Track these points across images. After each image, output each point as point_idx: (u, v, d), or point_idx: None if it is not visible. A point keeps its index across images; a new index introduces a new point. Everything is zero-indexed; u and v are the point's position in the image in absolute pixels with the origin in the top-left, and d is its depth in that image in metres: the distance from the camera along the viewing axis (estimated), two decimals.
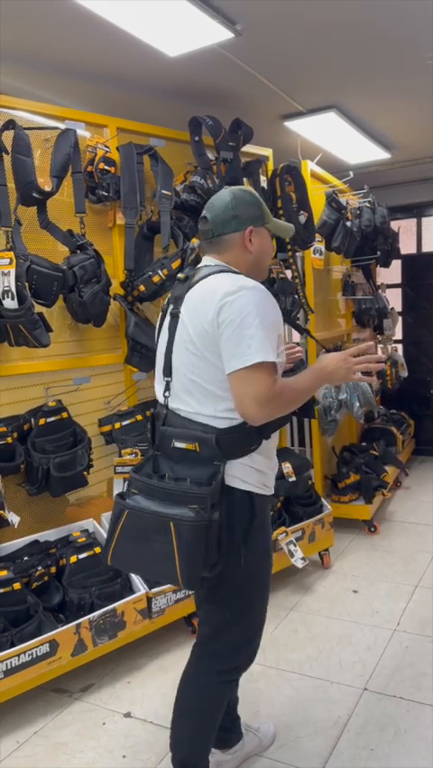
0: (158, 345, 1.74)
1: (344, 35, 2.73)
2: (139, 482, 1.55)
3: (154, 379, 1.76)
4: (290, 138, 3.97)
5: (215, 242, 1.67)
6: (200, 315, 1.54)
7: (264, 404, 1.47)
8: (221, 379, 1.53)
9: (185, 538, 1.44)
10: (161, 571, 1.54)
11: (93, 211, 2.73)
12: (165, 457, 1.60)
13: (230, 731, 1.96)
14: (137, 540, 1.51)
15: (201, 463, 1.54)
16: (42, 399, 2.58)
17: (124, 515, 1.51)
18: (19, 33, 2.59)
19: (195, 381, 1.57)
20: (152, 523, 1.48)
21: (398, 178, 5.32)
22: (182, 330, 1.60)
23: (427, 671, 2.47)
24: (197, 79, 3.11)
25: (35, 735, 2.21)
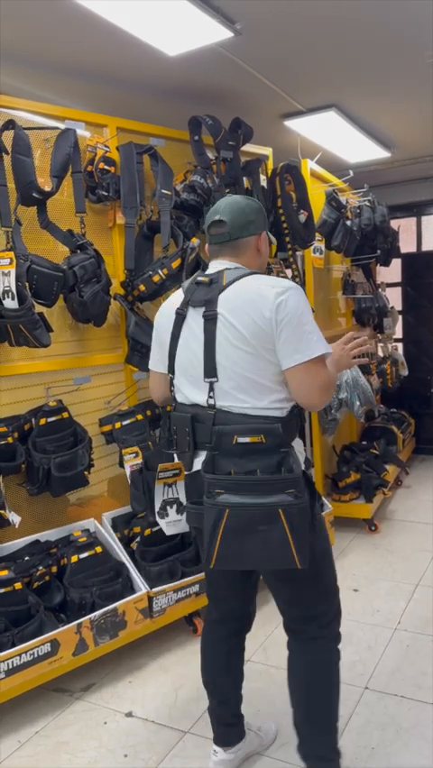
0: (176, 349, 1.74)
1: (343, 34, 2.73)
2: (224, 481, 1.57)
3: (174, 382, 1.77)
4: (290, 137, 3.97)
5: (231, 245, 1.74)
6: (252, 315, 1.60)
7: (326, 391, 1.65)
8: (274, 373, 1.63)
9: (295, 521, 1.53)
10: (273, 558, 1.58)
11: (93, 211, 2.73)
12: (225, 454, 1.63)
13: (234, 726, 1.97)
14: (242, 535, 1.55)
15: (267, 453, 1.61)
16: (43, 399, 2.58)
17: (226, 514, 1.53)
18: (19, 33, 2.58)
19: (250, 378, 1.62)
20: (259, 514, 1.53)
21: (398, 177, 5.32)
22: (228, 331, 1.62)
23: (428, 669, 2.47)
24: (196, 79, 3.11)
25: (37, 734, 2.22)
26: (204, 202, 2.89)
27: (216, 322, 1.64)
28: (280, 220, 3.30)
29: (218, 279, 1.68)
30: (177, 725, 2.23)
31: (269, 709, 2.27)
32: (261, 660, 2.06)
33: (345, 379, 3.95)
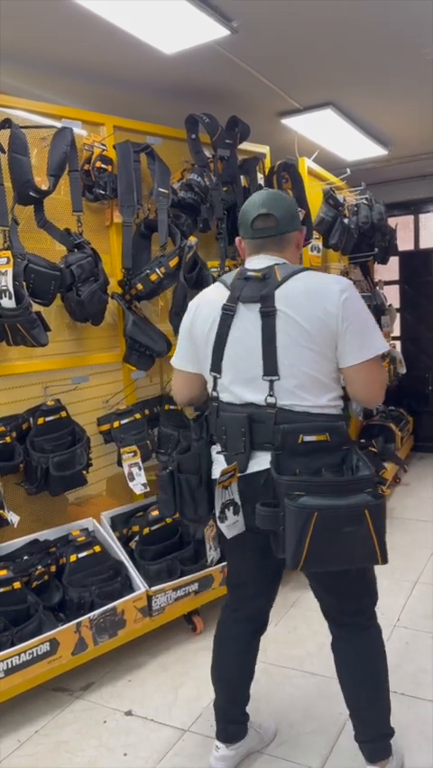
0: (225, 347, 1.69)
1: (340, 32, 2.72)
2: (303, 483, 1.55)
3: (221, 381, 1.70)
4: (287, 135, 3.97)
5: (276, 240, 1.71)
6: (316, 312, 1.59)
7: (383, 387, 1.71)
8: (332, 371, 1.64)
9: (378, 519, 1.53)
10: (358, 556, 1.58)
11: (90, 209, 2.73)
12: (290, 454, 1.61)
13: (239, 724, 1.98)
14: (328, 536, 1.53)
15: (331, 451, 1.63)
16: (41, 399, 2.58)
17: (315, 517, 1.51)
18: (16, 32, 2.58)
19: (313, 376, 1.62)
20: (345, 515, 1.52)
21: (395, 175, 5.32)
22: (290, 327, 1.60)
23: (427, 667, 2.48)
24: (193, 77, 3.11)
25: (36, 733, 2.22)
26: (201, 200, 2.89)
27: (275, 318, 1.60)
28: None
29: (271, 275, 1.64)
30: (176, 723, 2.23)
31: (268, 707, 2.27)
32: (259, 658, 2.06)
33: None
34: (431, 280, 5.76)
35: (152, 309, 2.97)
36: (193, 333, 1.77)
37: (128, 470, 2.67)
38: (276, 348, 1.61)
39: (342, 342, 1.60)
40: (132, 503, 2.92)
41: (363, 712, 1.84)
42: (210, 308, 1.72)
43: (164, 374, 3.12)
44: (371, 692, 1.83)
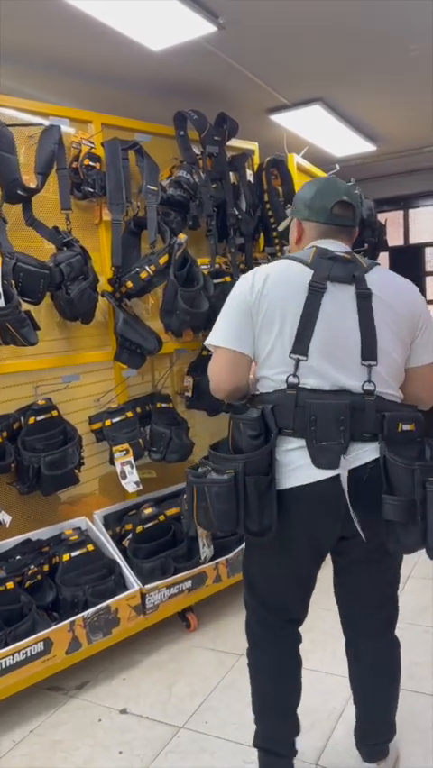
0: (313, 328, 1.55)
1: (328, 28, 2.73)
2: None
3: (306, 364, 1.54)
4: (276, 131, 3.97)
5: (350, 231, 1.73)
6: (408, 305, 1.62)
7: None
8: (405, 363, 1.65)
9: None
10: None
11: (79, 207, 2.71)
12: (392, 443, 1.54)
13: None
14: None
15: (415, 442, 1.58)
16: (31, 398, 2.57)
17: None
18: (2, 30, 2.56)
19: (400, 365, 1.62)
20: None
21: (384, 171, 5.34)
22: (386, 313, 1.57)
23: (420, 660, 2.49)
24: (181, 74, 3.10)
25: (31, 733, 2.21)
26: (190, 198, 2.88)
27: (372, 301, 1.56)
28: (268, 215, 3.30)
29: (356, 259, 1.62)
30: (171, 720, 2.23)
31: None
32: None
33: None
34: (421, 275, 5.78)
35: (143, 307, 2.97)
36: (258, 309, 1.57)
37: (120, 468, 2.67)
38: (376, 332, 1.55)
39: (418, 341, 1.63)
40: (124, 501, 2.92)
41: (378, 720, 1.85)
42: (290, 284, 1.57)
43: (155, 372, 3.12)
44: (391, 702, 1.85)
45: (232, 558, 2.84)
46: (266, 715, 1.80)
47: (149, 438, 2.86)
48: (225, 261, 3.15)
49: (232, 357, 1.61)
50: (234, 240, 3.17)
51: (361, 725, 1.87)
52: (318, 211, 1.68)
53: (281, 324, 1.55)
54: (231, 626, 2.81)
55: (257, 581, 1.75)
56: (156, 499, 2.95)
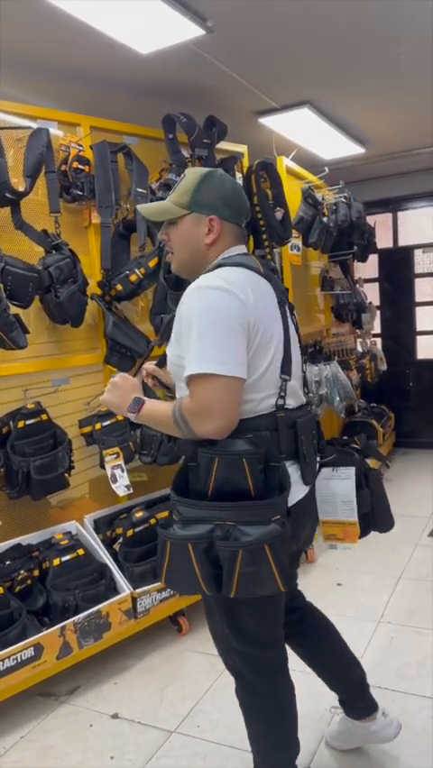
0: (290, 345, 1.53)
1: (316, 31, 2.73)
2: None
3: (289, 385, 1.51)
4: (265, 134, 3.97)
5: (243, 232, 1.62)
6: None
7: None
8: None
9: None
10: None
11: (68, 210, 2.71)
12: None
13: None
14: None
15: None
16: (21, 402, 2.55)
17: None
18: None
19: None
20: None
21: (373, 173, 5.36)
22: (292, 322, 1.60)
23: (411, 661, 2.50)
24: (169, 77, 3.10)
25: (22, 739, 2.20)
26: None
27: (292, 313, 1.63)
28: (257, 217, 3.30)
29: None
30: (163, 725, 2.23)
31: None
32: None
33: (325, 374, 3.97)
34: (410, 277, 5.81)
35: (133, 310, 2.96)
36: (257, 329, 1.42)
37: (111, 472, 2.66)
38: (291, 343, 1.55)
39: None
40: (115, 505, 2.90)
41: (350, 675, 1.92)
42: (266, 298, 1.49)
43: None
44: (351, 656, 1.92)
45: None
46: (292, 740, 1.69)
47: (139, 441, 2.85)
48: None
49: (238, 386, 1.39)
50: None
51: (342, 694, 1.94)
52: (238, 212, 1.57)
53: (276, 345, 1.48)
54: None
55: (248, 626, 1.55)
56: (147, 503, 2.94)
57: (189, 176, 1.55)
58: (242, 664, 1.61)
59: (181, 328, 1.42)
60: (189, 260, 1.56)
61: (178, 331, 1.44)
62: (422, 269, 5.79)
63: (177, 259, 1.58)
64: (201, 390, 1.37)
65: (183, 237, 1.54)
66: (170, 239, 1.57)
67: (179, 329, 1.43)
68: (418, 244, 5.75)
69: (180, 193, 1.53)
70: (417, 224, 5.75)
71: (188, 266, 1.57)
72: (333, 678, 1.92)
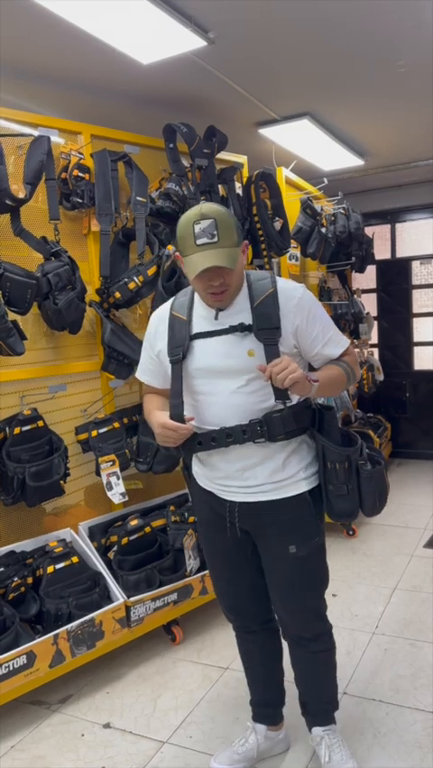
0: None
1: (316, 43, 2.76)
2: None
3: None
4: (265, 145, 4.00)
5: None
6: None
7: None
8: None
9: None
10: None
11: (67, 218, 2.72)
12: None
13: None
14: None
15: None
16: (17, 408, 2.55)
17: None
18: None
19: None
20: None
21: (371, 185, 5.39)
22: None
23: (405, 673, 2.49)
24: (170, 87, 3.12)
25: (12, 749, 2.18)
26: (179, 209, 2.89)
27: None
28: (256, 227, 3.32)
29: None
30: (155, 735, 2.21)
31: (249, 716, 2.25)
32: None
33: None
34: (408, 288, 5.83)
35: (131, 317, 2.97)
36: None
37: (106, 479, 2.66)
38: None
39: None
40: (110, 513, 2.90)
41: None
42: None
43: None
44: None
45: None
46: None
47: (135, 449, 2.85)
48: None
49: None
50: None
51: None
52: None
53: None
54: (217, 640, 2.80)
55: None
56: (142, 511, 2.94)
57: (225, 214, 1.60)
58: (324, 615, 1.93)
59: (306, 318, 1.70)
60: (237, 289, 1.70)
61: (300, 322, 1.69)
62: (420, 281, 5.82)
63: (233, 289, 1.67)
64: (352, 351, 1.86)
65: (240, 269, 1.68)
66: (226, 281, 1.63)
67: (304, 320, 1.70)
68: (415, 256, 5.77)
69: (231, 233, 1.60)
70: (415, 235, 5.78)
71: (236, 294, 1.70)
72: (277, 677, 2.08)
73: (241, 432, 1.69)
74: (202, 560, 2.81)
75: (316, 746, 1.98)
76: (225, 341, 1.69)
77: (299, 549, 1.78)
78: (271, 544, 1.81)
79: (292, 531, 1.78)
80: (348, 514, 1.80)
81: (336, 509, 1.79)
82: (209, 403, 1.72)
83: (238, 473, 1.76)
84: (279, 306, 1.67)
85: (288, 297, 1.69)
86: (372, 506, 1.81)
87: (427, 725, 2.17)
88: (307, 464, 1.79)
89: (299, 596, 1.84)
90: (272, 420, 1.68)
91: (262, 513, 1.77)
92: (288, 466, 1.76)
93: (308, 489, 1.78)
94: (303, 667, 1.96)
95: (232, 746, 2.03)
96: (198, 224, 1.57)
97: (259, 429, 1.68)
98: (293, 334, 1.69)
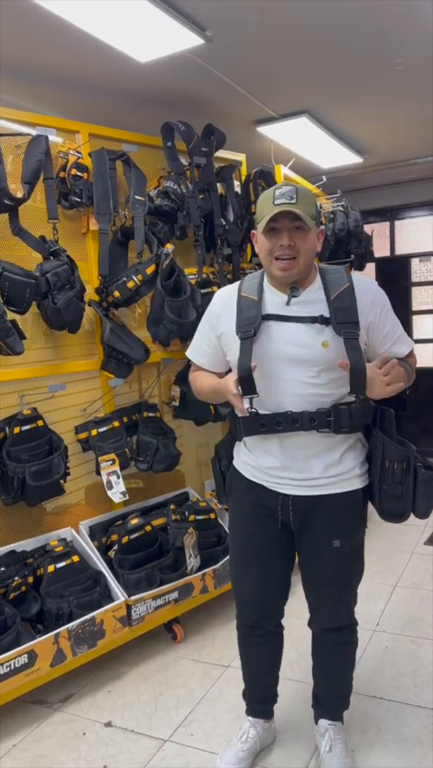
0: None
1: (314, 42, 2.76)
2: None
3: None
4: (263, 143, 3.99)
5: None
6: None
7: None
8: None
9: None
10: None
11: (66, 217, 2.71)
12: None
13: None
14: None
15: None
16: (17, 407, 2.55)
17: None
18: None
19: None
20: None
21: (370, 182, 5.38)
22: None
23: (406, 670, 2.49)
24: (168, 85, 3.12)
25: (14, 748, 2.18)
26: (178, 208, 2.89)
27: None
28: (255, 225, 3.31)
29: None
30: (157, 733, 2.21)
31: None
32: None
33: None
34: (407, 286, 5.83)
35: (130, 316, 2.96)
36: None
37: (106, 478, 2.66)
38: None
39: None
40: (110, 512, 2.90)
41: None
42: None
43: (142, 381, 3.11)
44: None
45: (219, 568, 2.82)
46: None
47: (135, 448, 2.85)
48: (212, 272, 3.16)
49: None
50: (221, 250, 3.18)
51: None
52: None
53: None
54: (218, 638, 2.80)
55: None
56: (142, 510, 2.94)
57: (307, 190, 1.70)
58: (353, 609, 1.96)
59: (380, 315, 1.74)
60: (307, 267, 1.71)
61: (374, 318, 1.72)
62: (419, 278, 5.82)
63: (302, 263, 1.69)
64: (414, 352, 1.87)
65: (312, 247, 1.70)
66: (296, 244, 1.66)
67: (378, 316, 1.73)
68: (415, 253, 5.77)
69: (311, 204, 1.67)
70: (414, 233, 5.78)
71: (305, 271, 1.71)
72: (276, 676, 2.10)
73: (309, 419, 1.70)
74: (203, 558, 2.82)
75: (319, 737, 1.99)
76: (299, 329, 1.69)
77: (343, 544, 1.80)
78: (315, 537, 1.82)
79: (340, 526, 1.80)
80: (399, 514, 1.78)
81: (387, 509, 1.79)
82: (276, 388, 1.72)
83: (295, 464, 1.76)
84: (356, 300, 1.69)
85: (363, 293, 1.71)
86: (425, 509, 1.78)
87: (428, 722, 2.17)
88: (361, 462, 1.81)
89: (335, 589, 1.87)
90: (340, 412, 1.69)
91: (316, 507, 1.78)
92: (344, 461, 1.77)
93: (362, 486, 1.80)
94: (324, 659, 1.99)
95: (234, 745, 2.03)
96: (279, 189, 1.64)
97: (327, 419, 1.69)
98: (366, 330, 1.71)
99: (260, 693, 2.08)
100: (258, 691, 2.08)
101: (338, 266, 1.80)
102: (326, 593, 1.88)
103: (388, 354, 1.70)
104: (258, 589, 1.90)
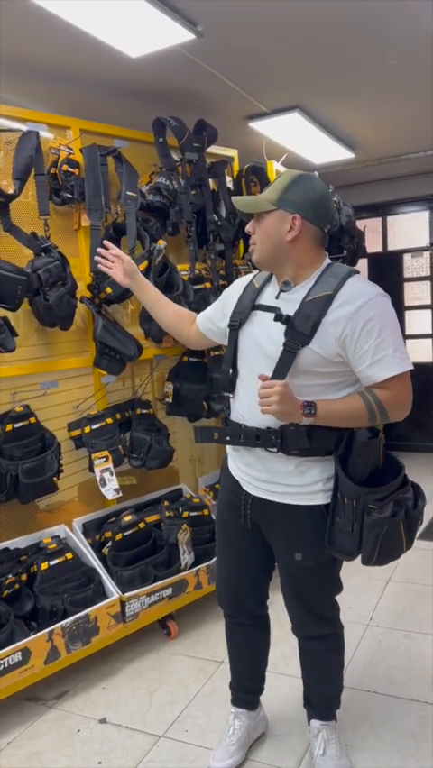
0: None
1: (306, 36, 2.75)
2: None
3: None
4: (255, 138, 3.99)
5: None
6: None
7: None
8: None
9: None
10: None
11: (57, 213, 2.70)
12: None
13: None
14: None
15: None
16: (9, 405, 2.54)
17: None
18: None
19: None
20: None
21: (362, 178, 5.38)
22: None
23: (399, 664, 2.50)
24: (159, 80, 3.10)
25: (9, 745, 2.18)
26: (170, 204, 2.88)
27: None
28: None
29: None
30: (151, 729, 2.22)
31: None
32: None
33: None
34: (399, 281, 5.84)
35: (123, 313, 2.96)
36: None
37: (100, 475, 2.65)
38: None
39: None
40: (104, 509, 2.89)
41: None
42: None
43: (135, 378, 3.11)
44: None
45: (213, 564, 2.83)
46: None
47: (129, 444, 2.84)
48: (204, 267, 3.15)
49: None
50: (213, 246, 3.17)
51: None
52: (324, 217, 1.65)
53: None
54: (212, 634, 2.81)
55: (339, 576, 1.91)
56: (136, 506, 2.93)
57: (284, 176, 1.66)
58: (337, 616, 1.93)
59: (360, 329, 1.55)
60: (271, 253, 1.66)
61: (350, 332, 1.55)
62: (411, 274, 5.83)
63: (259, 250, 1.68)
64: (403, 384, 1.61)
65: (267, 231, 1.64)
66: (255, 232, 1.68)
67: (357, 330, 1.55)
68: (407, 249, 5.78)
69: (271, 191, 1.64)
70: (406, 228, 5.79)
71: (269, 259, 1.68)
72: (260, 668, 2.10)
73: (254, 437, 1.64)
74: (197, 554, 2.82)
75: (312, 738, 1.99)
76: (273, 324, 1.61)
77: (306, 558, 1.73)
78: (279, 547, 1.80)
79: (301, 540, 1.73)
80: (347, 553, 1.66)
81: (336, 544, 1.67)
82: (249, 389, 1.66)
83: (258, 462, 1.72)
84: (328, 312, 1.56)
85: (346, 302, 1.56)
86: (367, 556, 1.63)
87: (420, 715, 2.19)
88: (328, 477, 1.67)
89: (304, 600, 1.83)
90: (288, 433, 1.59)
91: (277, 515, 1.73)
92: (307, 473, 1.67)
93: (325, 503, 1.68)
94: (307, 663, 1.98)
95: (222, 741, 2.03)
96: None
97: (273, 438, 1.61)
98: (339, 343, 1.56)
99: (243, 683, 2.08)
100: (241, 680, 2.08)
101: (345, 268, 1.65)
102: (295, 604, 1.85)
103: (363, 377, 1.60)
104: (232, 576, 1.92)
